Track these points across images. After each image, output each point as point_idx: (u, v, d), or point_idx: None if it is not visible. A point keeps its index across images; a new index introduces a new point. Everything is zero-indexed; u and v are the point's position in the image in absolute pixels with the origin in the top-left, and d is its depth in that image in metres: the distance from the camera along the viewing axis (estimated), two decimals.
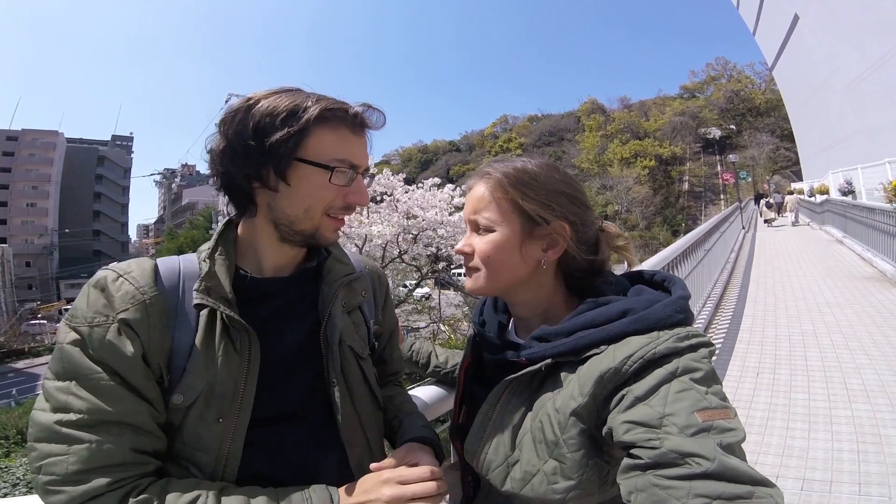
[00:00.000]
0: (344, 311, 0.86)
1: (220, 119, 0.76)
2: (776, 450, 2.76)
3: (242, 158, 0.73)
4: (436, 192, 10.03)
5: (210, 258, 0.76)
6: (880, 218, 7.76)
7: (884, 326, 4.75)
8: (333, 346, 0.81)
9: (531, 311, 0.82)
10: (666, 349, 0.63)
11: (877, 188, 9.07)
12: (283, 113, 0.72)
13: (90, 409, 0.63)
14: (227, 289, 0.74)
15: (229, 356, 0.72)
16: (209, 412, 0.70)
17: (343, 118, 0.75)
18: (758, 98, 58.88)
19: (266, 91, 0.76)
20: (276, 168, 0.73)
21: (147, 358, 0.68)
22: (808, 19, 22.10)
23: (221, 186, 0.79)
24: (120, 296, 0.69)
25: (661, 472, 0.53)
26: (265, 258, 0.81)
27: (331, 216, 0.79)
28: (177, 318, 0.73)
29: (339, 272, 0.87)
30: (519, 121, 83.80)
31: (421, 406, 1.16)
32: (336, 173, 0.75)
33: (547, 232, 0.78)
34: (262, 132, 0.72)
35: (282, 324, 0.80)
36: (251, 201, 0.78)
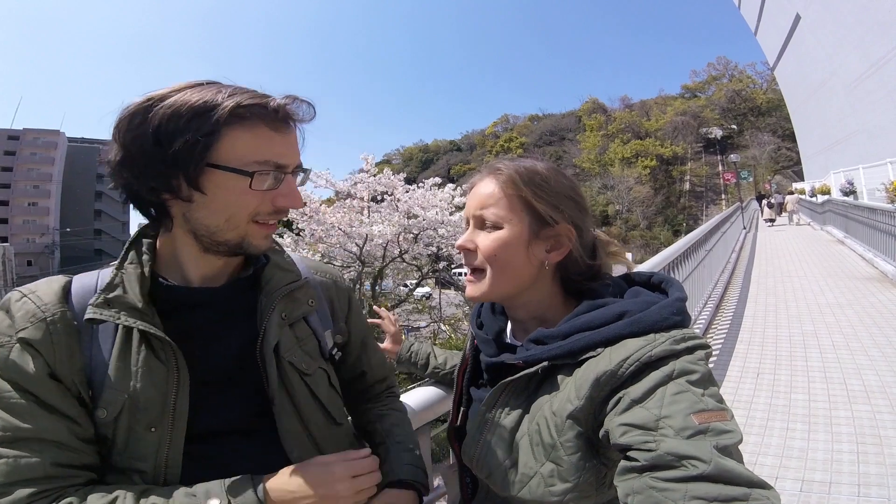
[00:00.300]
0: (284, 323, 0.79)
1: (115, 124, 0.67)
2: (776, 450, 2.75)
3: (144, 169, 0.66)
4: (436, 191, 10.04)
5: (118, 268, 0.71)
6: (882, 218, 7.75)
7: (885, 327, 4.74)
8: (269, 362, 0.75)
9: (529, 314, 0.82)
10: (662, 351, 0.62)
11: (878, 188, 9.07)
12: (187, 114, 0.64)
13: (6, 426, 0.61)
14: (135, 298, 0.69)
15: (152, 367, 0.68)
16: (138, 423, 0.67)
17: (261, 115, 0.67)
18: (759, 98, 58.85)
19: (169, 88, 0.67)
20: (187, 177, 0.66)
21: (57, 376, 0.65)
22: (809, 19, 22.07)
23: (126, 200, 0.72)
24: (20, 315, 0.66)
25: (658, 475, 0.53)
26: (189, 269, 0.75)
27: (259, 223, 0.72)
28: (92, 333, 0.69)
29: (280, 281, 0.81)
30: (520, 120, 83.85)
31: (421, 406, 1.16)
32: (257, 178, 0.67)
33: (553, 233, 0.78)
34: (165, 137, 0.64)
35: (211, 335, 0.75)
36: (164, 214, 0.72)
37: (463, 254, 0.80)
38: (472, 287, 0.80)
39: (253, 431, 0.75)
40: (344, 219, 9.43)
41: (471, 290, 0.80)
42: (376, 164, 10.41)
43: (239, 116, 0.65)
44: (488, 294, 0.78)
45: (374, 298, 10.45)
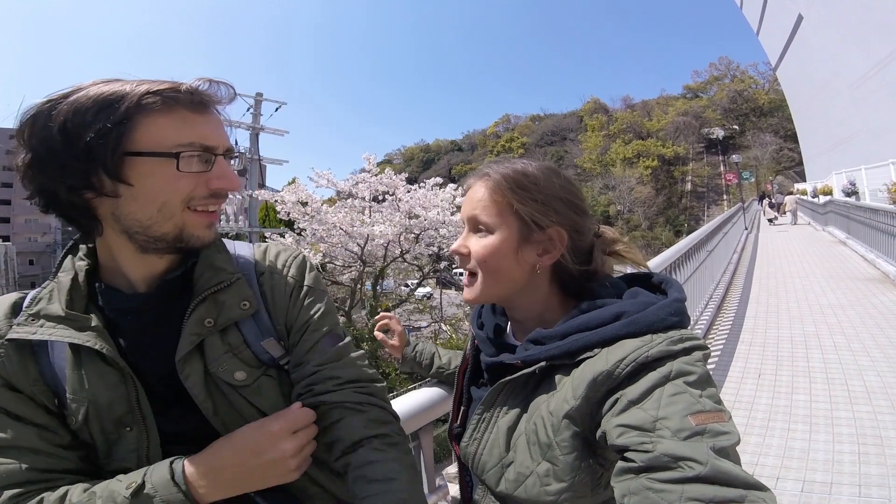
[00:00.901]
0: (212, 330, 0.72)
1: (17, 128, 0.64)
2: (777, 451, 2.75)
3: (57, 168, 0.63)
4: (438, 191, 10.05)
5: (51, 279, 0.71)
6: (884, 219, 7.72)
7: (886, 328, 4.72)
8: (185, 374, 0.70)
9: (527, 315, 0.82)
10: (659, 352, 0.62)
11: (880, 189, 9.06)
12: (93, 106, 0.62)
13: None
14: (60, 307, 0.67)
15: (102, 371, 0.67)
16: (108, 424, 0.67)
17: (175, 98, 0.65)
18: (761, 98, 58.77)
19: (68, 88, 0.65)
20: (106, 169, 0.63)
21: (16, 388, 0.65)
22: (812, 19, 22.03)
23: (46, 207, 0.67)
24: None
25: (654, 476, 0.53)
26: (131, 273, 0.72)
27: (197, 210, 0.69)
28: (49, 349, 0.68)
29: (207, 282, 0.74)
30: (521, 120, 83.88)
31: (423, 406, 1.16)
32: (184, 159, 0.65)
33: (543, 238, 0.77)
34: (72, 133, 0.61)
35: (143, 344, 0.71)
36: (90, 217, 0.68)
37: (458, 257, 0.81)
38: (466, 290, 0.81)
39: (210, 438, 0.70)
40: (345, 219, 9.45)
41: (466, 293, 0.81)
42: (377, 164, 10.42)
43: (150, 103, 0.63)
44: (480, 297, 0.79)
45: (375, 298, 10.46)
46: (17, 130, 0.64)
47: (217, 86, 0.69)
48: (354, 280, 10.27)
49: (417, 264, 11.07)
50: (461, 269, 0.82)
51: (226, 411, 0.72)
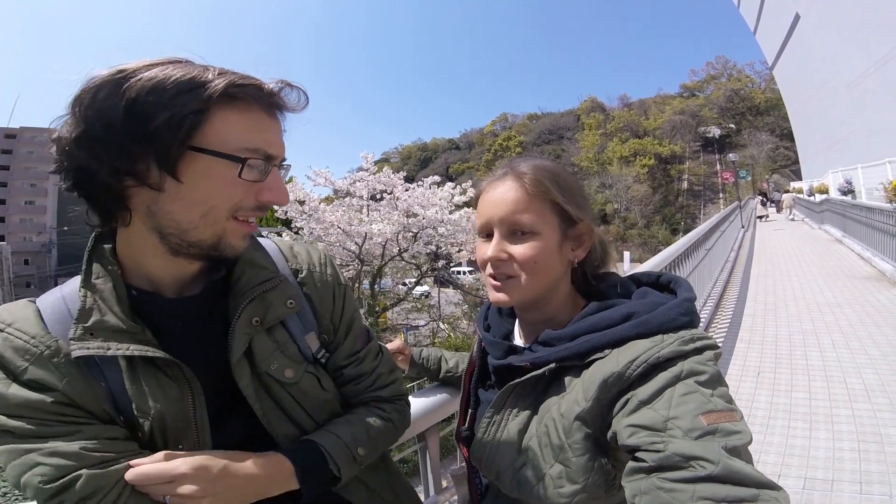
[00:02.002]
0: (259, 329, 0.71)
1: (75, 96, 0.57)
2: (777, 449, 2.76)
3: (107, 147, 0.56)
4: (436, 190, 10.04)
5: (85, 286, 0.62)
6: (880, 217, 7.76)
7: (883, 326, 4.75)
8: (239, 374, 0.68)
9: (544, 315, 0.80)
10: (670, 352, 0.62)
11: (877, 188, 9.08)
12: (172, 88, 0.56)
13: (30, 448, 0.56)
14: (118, 319, 0.61)
15: (164, 385, 0.63)
16: (168, 441, 0.64)
17: (257, 96, 0.60)
18: (758, 97, 59.01)
19: (144, 61, 0.58)
20: (162, 160, 0.57)
21: (79, 405, 0.60)
22: (809, 18, 22.10)
23: (73, 186, 0.60)
24: (10, 354, 0.58)
25: (665, 476, 0.52)
26: (158, 275, 0.67)
27: (239, 219, 0.64)
28: (96, 361, 0.62)
29: (250, 281, 0.71)
30: (519, 119, 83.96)
31: (428, 408, 1.16)
32: (248, 166, 0.60)
33: (577, 232, 0.78)
34: (141, 112, 0.55)
35: (193, 351, 0.67)
36: (122, 205, 0.60)
37: (490, 264, 0.77)
38: (501, 294, 0.76)
39: (260, 437, 0.71)
40: (343, 217, 9.43)
41: (500, 296, 0.76)
42: (375, 163, 10.40)
43: (232, 96, 0.58)
44: (522, 298, 0.77)
45: (373, 297, 10.45)
46: (74, 98, 0.57)
47: (293, 90, 0.64)
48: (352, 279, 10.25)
49: (415, 263, 11.06)
50: (495, 275, 0.77)
51: (271, 410, 0.71)
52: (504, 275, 0.76)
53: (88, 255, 0.65)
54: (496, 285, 0.77)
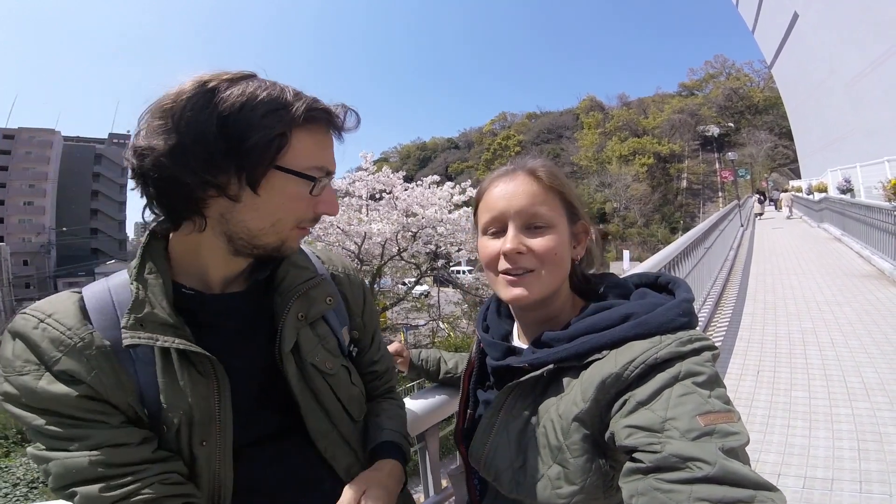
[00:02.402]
0: (303, 323, 0.77)
1: (165, 105, 0.60)
2: (777, 448, 2.76)
3: (199, 159, 0.59)
4: (435, 189, 10.05)
5: (138, 279, 0.65)
6: (879, 216, 7.77)
7: (882, 324, 4.76)
8: (288, 365, 0.73)
9: (546, 315, 0.80)
10: (668, 353, 0.62)
11: (875, 186, 9.08)
12: (261, 108, 0.60)
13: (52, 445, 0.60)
14: (165, 314, 0.64)
15: (195, 382, 0.66)
16: (194, 438, 0.66)
17: (325, 120, 0.66)
18: (756, 96, 59.03)
19: (224, 74, 0.62)
20: (248, 176, 0.61)
21: (105, 399, 0.62)
22: (807, 17, 22.13)
23: (156, 195, 0.63)
24: (46, 344, 0.60)
25: (662, 476, 0.52)
26: (211, 272, 0.71)
27: (299, 227, 0.70)
28: (129, 353, 0.64)
29: (294, 279, 0.77)
30: (518, 118, 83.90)
31: (427, 409, 1.16)
32: (318, 184, 0.66)
33: (578, 230, 0.80)
34: (234, 130, 0.59)
35: (240, 344, 0.72)
36: (198, 213, 0.64)
37: (506, 259, 0.75)
38: (519, 289, 0.75)
39: (289, 431, 0.76)
40: (342, 217, 9.43)
41: (518, 291, 0.75)
42: (374, 162, 10.40)
43: (308, 120, 0.63)
44: (543, 293, 0.75)
45: (373, 296, 10.46)
46: (161, 107, 0.60)
47: (350, 113, 0.69)
48: None
49: (415, 262, 11.07)
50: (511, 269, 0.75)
51: (309, 402, 0.76)
52: (522, 269, 0.75)
53: (143, 251, 0.68)
54: (513, 280, 0.75)
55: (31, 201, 52.05)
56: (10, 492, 8.20)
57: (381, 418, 0.88)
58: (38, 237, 50.74)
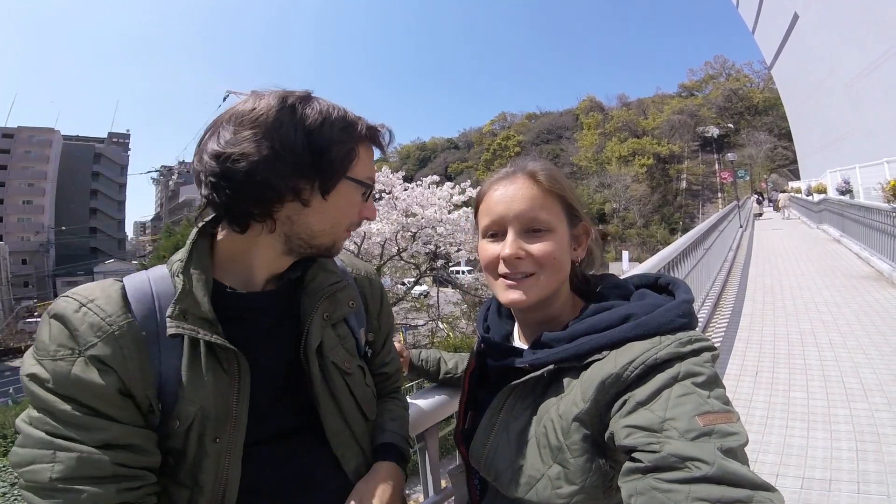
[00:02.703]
0: (327, 323, 0.81)
1: (253, 117, 0.66)
2: (776, 448, 2.77)
3: (290, 168, 0.66)
4: (435, 189, 10.05)
5: (184, 273, 0.69)
6: (878, 217, 7.78)
7: (881, 326, 4.76)
8: (312, 362, 0.77)
9: (546, 316, 0.80)
10: (668, 354, 0.62)
11: (875, 188, 9.08)
12: (338, 124, 0.69)
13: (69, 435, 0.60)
14: (205, 309, 0.68)
15: (218, 377, 0.68)
16: (206, 434, 0.67)
17: (375, 138, 0.76)
18: (756, 97, 59.02)
19: (291, 94, 0.69)
20: (324, 184, 0.69)
21: (129, 391, 0.64)
22: (807, 18, 22.16)
23: (235, 199, 0.67)
24: (84, 329, 0.62)
25: (661, 476, 0.53)
26: (256, 273, 0.76)
27: (348, 230, 0.79)
28: (159, 344, 0.67)
29: (323, 282, 0.82)
30: (517, 118, 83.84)
31: (427, 409, 1.16)
32: (369, 191, 0.76)
33: (579, 231, 0.80)
34: (318, 143, 0.67)
35: (267, 341, 0.76)
36: (271, 216, 0.70)
37: (505, 263, 0.76)
38: (517, 293, 0.75)
39: (300, 430, 0.78)
40: None
41: (516, 295, 0.75)
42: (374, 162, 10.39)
43: (368, 136, 0.73)
44: (541, 296, 0.76)
45: None
46: (250, 119, 0.66)
47: (388, 133, 0.79)
48: None
49: (414, 262, 11.07)
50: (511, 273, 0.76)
51: (327, 400, 0.79)
52: (521, 273, 0.75)
53: (191, 248, 0.72)
54: (511, 284, 0.75)
55: (30, 200, 51.98)
56: (8, 491, 8.18)
57: (383, 419, 0.91)
58: (37, 236, 50.67)
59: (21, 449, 0.61)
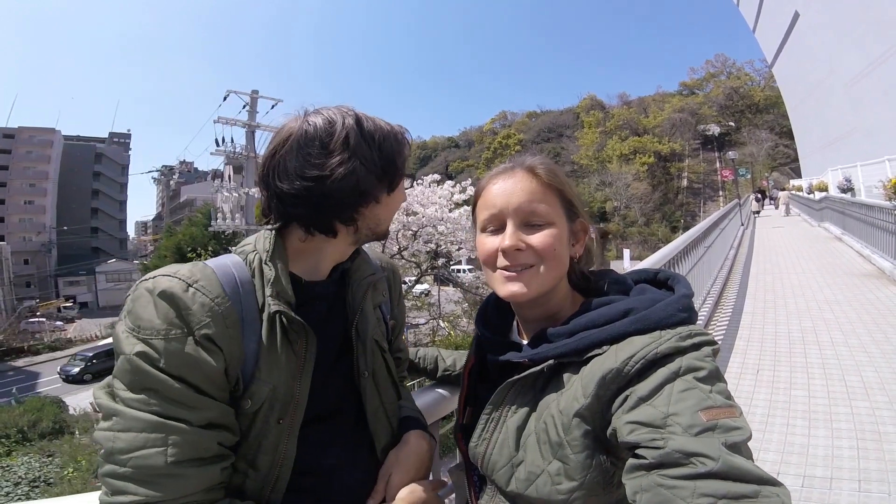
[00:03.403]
0: (371, 307, 0.91)
1: (343, 140, 0.76)
2: (776, 446, 2.77)
3: (375, 179, 0.78)
4: (435, 188, 10.03)
5: (271, 262, 0.77)
6: (879, 215, 7.77)
7: (882, 324, 4.76)
8: (366, 340, 0.86)
9: (545, 311, 0.80)
10: (668, 349, 0.62)
11: (876, 185, 9.08)
12: (391, 136, 0.81)
13: (175, 415, 0.63)
14: (290, 293, 0.76)
15: (289, 358, 0.74)
16: (273, 414, 0.72)
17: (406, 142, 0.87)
18: (757, 95, 58.91)
19: (350, 112, 0.79)
20: (392, 184, 0.82)
21: (227, 371, 0.69)
22: (808, 17, 22.11)
23: (323, 207, 0.76)
24: (197, 308, 0.66)
25: (666, 472, 0.52)
26: (324, 263, 0.84)
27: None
28: (243, 325, 0.72)
29: (365, 271, 0.92)
30: (518, 117, 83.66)
31: (426, 406, 1.16)
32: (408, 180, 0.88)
33: (578, 228, 0.80)
34: (386, 153, 0.79)
35: (324, 324, 0.83)
36: (354, 218, 0.80)
37: (504, 255, 0.76)
38: (517, 285, 0.75)
39: (342, 412, 0.84)
40: None
41: (515, 287, 0.75)
42: None
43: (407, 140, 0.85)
44: (541, 289, 0.75)
45: None
46: (336, 140, 0.75)
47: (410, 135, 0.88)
48: None
49: (415, 261, 11.06)
50: (510, 266, 0.76)
51: (367, 377, 0.86)
52: (520, 265, 0.75)
53: (274, 243, 0.79)
54: (510, 276, 0.75)
55: (32, 200, 52.06)
56: (12, 490, 8.22)
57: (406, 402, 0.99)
58: (39, 236, 50.76)
59: (126, 434, 0.61)
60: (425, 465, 0.88)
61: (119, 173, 61.45)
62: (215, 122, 16.99)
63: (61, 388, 21.08)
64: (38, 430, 12.25)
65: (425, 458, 0.88)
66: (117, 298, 42.65)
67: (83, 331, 35.32)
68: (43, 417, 12.87)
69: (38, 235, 50.76)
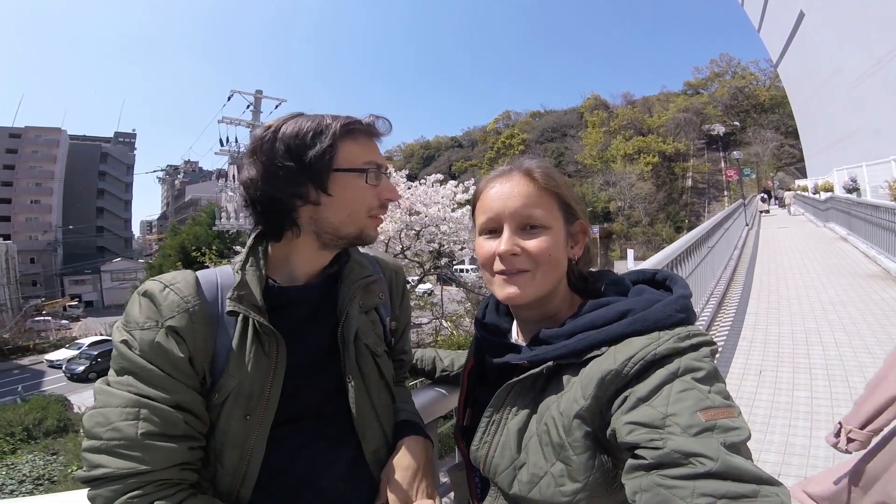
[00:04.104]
0: (361, 310, 0.91)
1: (250, 149, 0.82)
2: (778, 447, 2.76)
3: (283, 180, 0.79)
4: (438, 188, 10.01)
5: (242, 269, 0.81)
6: (885, 216, 7.71)
7: (887, 325, 4.72)
8: (349, 344, 0.86)
9: (544, 313, 0.81)
10: (667, 349, 0.62)
11: (882, 186, 9.03)
12: (309, 132, 0.80)
13: (153, 395, 0.70)
14: (257, 297, 0.79)
15: (258, 358, 0.78)
16: (237, 409, 0.76)
17: (360, 129, 0.84)
18: (762, 95, 58.52)
19: (280, 119, 0.83)
20: (317, 182, 0.80)
21: (193, 362, 0.75)
22: (813, 16, 21.98)
23: (262, 213, 0.83)
24: (167, 304, 0.75)
25: (665, 472, 0.53)
26: (299, 269, 0.87)
27: (371, 217, 0.86)
28: (218, 325, 0.79)
29: (358, 275, 0.92)
30: (521, 117, 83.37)
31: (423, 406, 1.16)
32: (370, 174, 0.83)
33: (575, 230, 0.81)
34: (297, 152, 0.79)
35: (306, 329, 0.85)
36: (293, 223, 0.83)
37: (501, 259, 0.76)
38: (513, 288, 0.76)
39: (326, 414, 0.85)
40: None
41: (511, 290, 0.76)
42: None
43: (346, 132, 0.82)
44: (536, 293, 0.76)
45: None
46: (249, 150, 0.82)
47: (381, 120, 0.87)
48: None
49: (418, 261, 11.06)
50: (506, 269, 0.76)
51: (358, 381, 0.87)
52: (516, 269, 0.76)
53: (248, 251, 0.85)
54: (507, 279, 0.76)
55: (38, 200, 52.39)
56: (17, 488, 8.28)
57: (398, 401, 0.99)
58: (45, 235, 51.08)
59: (104, 408, 0.70)
60: (423, 468, 0.88)
61: (124, 173, 61.76)
62: (220, 121, 17.05)
63: (66, 386, 21.21)
64: (43, 428, 12.31)
65: (425, 464, 0.89)
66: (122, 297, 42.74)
67: (88, 329, 35.47)
68: (48, 415, 12.94)
69: (44, 234, 51.09)
